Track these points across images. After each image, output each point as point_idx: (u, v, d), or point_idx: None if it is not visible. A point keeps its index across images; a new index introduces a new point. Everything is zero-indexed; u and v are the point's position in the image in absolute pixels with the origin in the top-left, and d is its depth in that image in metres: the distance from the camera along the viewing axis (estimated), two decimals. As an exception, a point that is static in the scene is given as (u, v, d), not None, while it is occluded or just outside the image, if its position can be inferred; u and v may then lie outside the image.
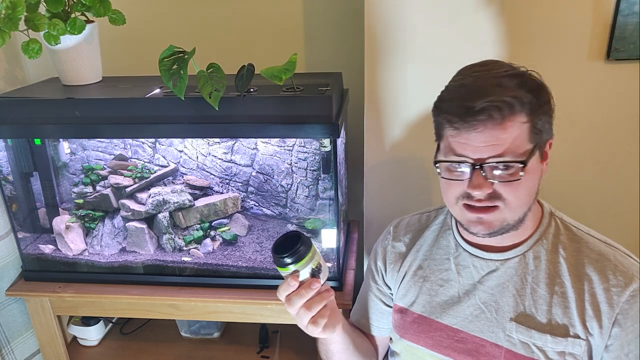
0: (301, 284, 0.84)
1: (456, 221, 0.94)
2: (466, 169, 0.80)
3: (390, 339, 1.07)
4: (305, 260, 0.83)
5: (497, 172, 0.78)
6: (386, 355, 1.13)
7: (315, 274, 0.85)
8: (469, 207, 0.83)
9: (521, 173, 0.78)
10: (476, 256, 0.92)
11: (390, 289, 1.04)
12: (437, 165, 0.84)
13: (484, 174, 0.78)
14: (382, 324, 1.06)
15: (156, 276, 1.37)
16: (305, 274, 0.84)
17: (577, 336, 0.83)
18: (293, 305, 0.85)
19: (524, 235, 0.89)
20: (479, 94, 0.76)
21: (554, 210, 0.93)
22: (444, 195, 0.88)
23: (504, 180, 0.79)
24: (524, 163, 0.77)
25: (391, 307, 1.04)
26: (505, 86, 0.78)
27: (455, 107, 0.78)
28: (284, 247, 0.83)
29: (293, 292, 0.84)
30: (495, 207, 0.81)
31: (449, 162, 0.82)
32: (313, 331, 0.87)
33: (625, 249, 0.88)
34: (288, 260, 0.82)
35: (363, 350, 1.04)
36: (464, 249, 0.93)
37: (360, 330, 1.09)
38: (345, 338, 0.96)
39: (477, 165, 0.78)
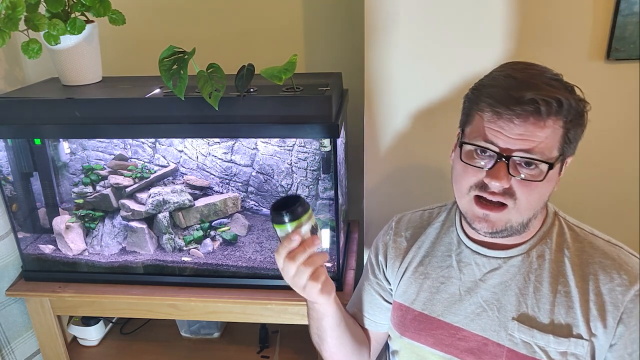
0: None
1: (461, 216, 0.93)
2: (491, 157, 0.79)
3: (390, 337, 1.07)
4: (306, 217, 0.84)
5: (520, 169, 0.78)
6: (386, 354, 1.13)
7: (314, 231, 0.86)
8: (478, 201, 0.82)
9: (544, 176, 0.77)
10: (478, 253, 0.91)
11: (390, 284, 1.03)
12: (461, 147, 0.82)
13: (506, 167, 0.77)
14: (377, 319, 1.06)
15: (156, 276, 1.37)
16: (305, 230, 0.84)
17: (580, 336, 0.83)
18: (296, 260, 0.83)
19: (526, 236, 0.89)
20: (529, 87, 0.76)
21: (558, 210, 0.92)
22: (456, 182, 0.86)
23: (525, 178, 0.78)
24: (551, 166, 0.77)
25: (390, 302, 1.03)
26: (555, 87, 0.78)
27: (502, 94, 0.77)
28: (281, 207, 0.83)
29: (296, 248, 0.83)
30: (504, 205, 0.80)
31: (476, 145, 0.80)
32: (312, 288, 0.86)
33: (629, 248, 0.88)
34: (288, 217, 0.83)
35: (355, 333, 1.03)
36: (466, 245, 0.93)
37: None
38: (337, 313, 0.96)
39: (504, 156, 0.77)
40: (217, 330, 1.60)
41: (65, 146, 1.36)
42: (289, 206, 0.83)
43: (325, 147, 1.20)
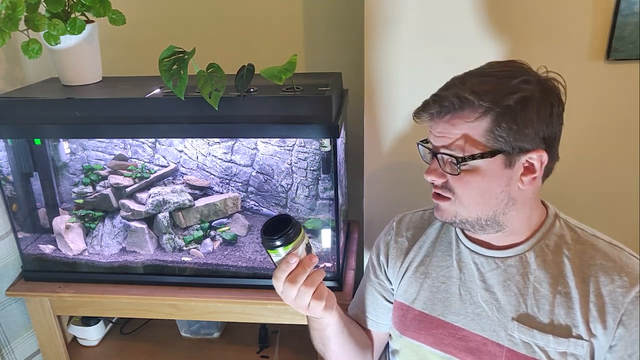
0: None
1: None
2: (428, 154, 0.88)
3: (390, 336, 1.07)
4: (299, 237, 0.84)
5: (446, 164, 0.83)
6: (385, 353, 1.13)
7: (309, 249, 0.86)
8: (434, 192, 0.88)
9: (458, 170, 0.81)
10: (476, 252, 0.92)
11: (391, 284, 1.04)
12: (418, 146, 0.91)
13: (439, 162, 0.84)
14: (379, 319, 1.06)
15: (156, 276, 1.37)
16: (301, 251, 0.84)
17: (579, 337, 0.83)
18: (297, 283, 0.84)
19: (524, 235, 0.89)
20: (450, 86, 0.83)
21: (559, 212, 0.92)
22: None
23: (449, 172, 0.83)
24: (460, 160, 0.80)
25: (391, 302, 1.04)
26: (468, 85, 0.80)
27: (430, 96, 0.84)
28: (272, 230, 0.83)
29: (294, 270, 0.84)
30: (446, 197, 0.86)
31: (419, 143, 0.90)
32: (317, 307, 0.87)
33: (630, 249, 0.88)
34: (282, 241, 0.82)
35: (358, 337, 1.04)
36: (464, 245, 0.94)
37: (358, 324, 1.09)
38: (340, 321, 0.97)
39: (433, 154, 0.85)
40: (217, 330, 1.60)
41: (65, 146, 1.36)
42: (280, 228, 0.82)
43: (325, 147, 1.20)
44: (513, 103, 0.77)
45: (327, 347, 1.00)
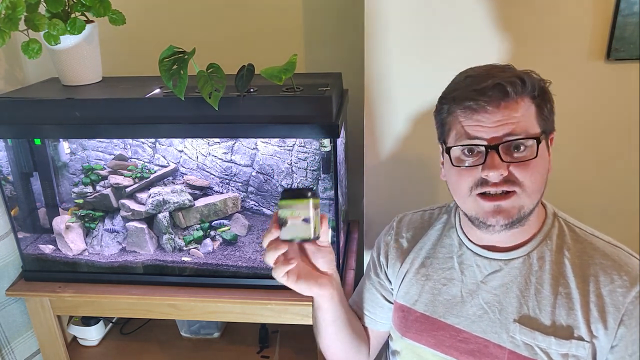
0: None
1: (468, 218, 0.89)
2: (480, 152, 0.80)
3: (391, 337, 1.07)
4: (311, 204, 0.79)
5: (512, 153, 0.79)
6: (386, 354, 1.13)
7: (315, 231, 0.81)
8: (484, 197, 0.81)
9: (536, 151, 0.78)
10: (480, 255, 0.91)
11: (391, 283, 1.03)
12: (449, 152, 0.83)
13: (499, 155, 0.78)
14: (377, 317, 1.06)
15: (156, 276, 1.37)
16: (309, 223, 0.80)
17: (581, 338, 0.83)
18: (277, 250, 0.82)
19: (527, 236, 0.89)
20: (487, 77, 0.79)
21: (557, 211, 0.92)
22: (454, 189, 0.86)
23: (520, 160, 0.79)
24: (539, 140, 0.78)
25: (390, 302, 1.03)
26: (511, 70, 0.82)
27: (465, 92, 0.80)
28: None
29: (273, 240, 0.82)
30: (512, 192, 0.80)
31: (463, 145, 0.81)
32: (276, 271, 0.84)
33: (629, 249, 0.88)
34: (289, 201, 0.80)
35: (354, 331, 1.02)
36: (467, 247, 0.93)
37: None
38: (334, 310, 0.93)
39: (492, 146, 0.78)
40: (217, 330, 1.60)
41: (65, 146, 1.36)
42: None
43: (325, 147, 1.20)
44: (545, 86, 0.82)
45: (319, 332, 0.99)
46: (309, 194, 0.80)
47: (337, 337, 0.99)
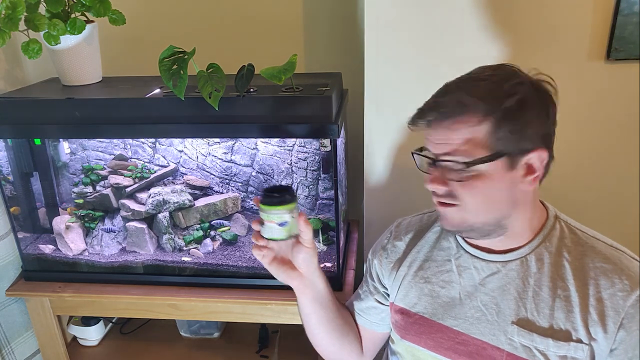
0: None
1: None
2: (427, 163, 0.85)
3: (392, 339, 1.07)
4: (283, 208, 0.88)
5: (450, 171, 0.81)
6: (386, 355, 1.13)
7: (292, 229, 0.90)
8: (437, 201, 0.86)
9: (465, 175, 0.79)
10: (477, 257, 0.91)
11: (385, 288, 1.04)
12: (413, 156, 0.89)
13: (439, 170, 0.82)
14: (370, 318, 1.06)
15: (156, 276, 1.37)
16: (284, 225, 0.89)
17: (579, 341, 0.83)
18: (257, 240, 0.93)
19: (525, 239, 0.88)
20: (445, 93, 0.82)
21: (559, 213, 0.92)
22: None
23: (454, 179, 0.81)
24: (467, 164, 0.79)
25: (383, 304, 1.04)
26: (465, 89, 0.80)
27: (427, 103, 0.84)
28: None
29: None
30: (452, 204, 0.83)
31: (415, 153, 0.88)
32: (263, 260, 0.95)
33: (631, 252, 0.87)
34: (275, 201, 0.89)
35: (341, 325, 1.04)
36: (465, 250, 0.93)
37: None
38: (311, 305, 0.99)
39: (435, 161, 0.83)
40: (217, 330, 1.60)
41: (65, 146, 1.36)
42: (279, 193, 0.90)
43: (325, 147, 1.20)
44: (512, 105, 0.77)
45: (303, 321, 1.04)
46: (285, 198, 0.88)
47: (315, 329, 1.02)
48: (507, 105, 0.77)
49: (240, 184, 1.32)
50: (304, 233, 0.91)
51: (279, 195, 0.88)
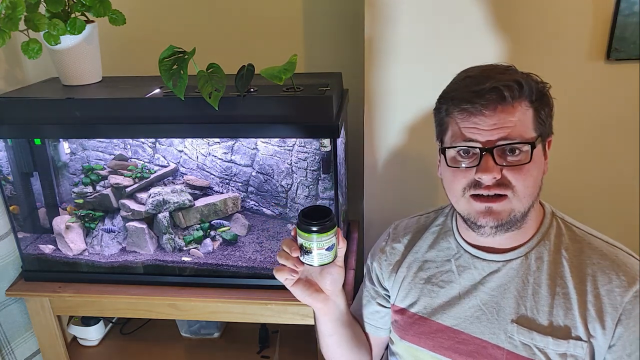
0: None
1: (462, 219, 0.90)
2: (475, 154, 0.80)
3: (391, 340, 1.07)
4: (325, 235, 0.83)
5: (506, 157, 0.80)
6: (385, 356, 1.13)
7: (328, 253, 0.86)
8: (476, 198, 0.82)
9: (530, 156, 0.79)
10: (477, 257, 0.91)
11: (386, 290, 1.04)
12: (444, 153, 0.84)
13: (493, 158, 0.79)
14: (376, 323, 1.06)
15: (156, 276, 1.37)
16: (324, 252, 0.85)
17: (579, 338, 0.83)
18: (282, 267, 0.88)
19: (525, 237, 0.89)
20: (486, 79, 0.79)
21: (555, 210, 0.92)
22: (449, 189, 0.87)
23: (513, 164, 0.79)
24: (533, 145, 0.79)
25: (386, 307, 1.04)
26: (511, 73, 0.81)
27: (463, 93, 0.80)
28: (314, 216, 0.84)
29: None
30: (504, 196, 0.81)
31: (458, 147, 0.82)
32: (286, 282, 0.90)
33: (628, 249, 0.87)
34: (314, 228, 0.83)
35: (357, 339, 1.04)
36: (465, 250, 0.93)
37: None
38: (333, 326, 0.97)
39: (486, 149, 0.79)
40: (217, 330, 1.60)
41: (65, 146, 1.35)
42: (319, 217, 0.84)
43: (325, 147, 1.20)
44: (545, 90, 0.82)
45: (319, 339, 1.02)
46: (333, 221, 0.83)
47: (336, 348, 1.01)
48: (541, 90, 0.82)
49: (240, 184, 1.32)
50: (340, 250, 0.88)
51: (327, 219, 0.83)
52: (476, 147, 0.80)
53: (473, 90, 0.79)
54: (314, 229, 0.82)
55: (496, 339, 0.88)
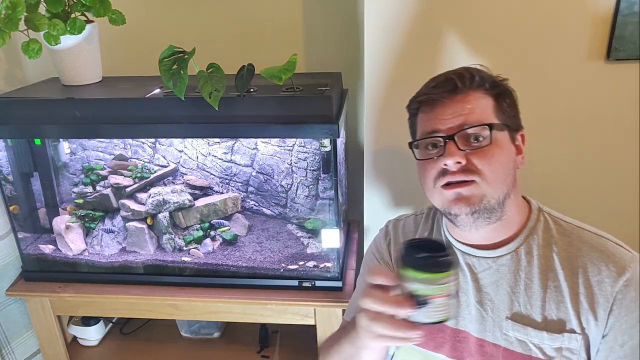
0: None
1: (441, 214, 0.92)
2: (440, 144, 0.84)
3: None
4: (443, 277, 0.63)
5: (470, 143, 0.83)
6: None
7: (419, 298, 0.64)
8: (446, 186, 0.84)
9: (490, 138, 0.81)
10: (468, 254, 0.91)
11: None
12: (413, 148, 0.90)
13: (456, 144, 0.82)
14: None
15: (156, 276, 1.37)
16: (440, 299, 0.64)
17: (572, 331, 0.83)
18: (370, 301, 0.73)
19: (511, 231, 0.89)
20: (442, 75, 0.87)
21: (542, 206, 0.93)
22: (423, 184, 0.90)
23: (475, 147, 0.82)
24: (491, 127, 0.82)
25: None
26: (469, 69, 0.87)
27: (424, 89, 0.89)
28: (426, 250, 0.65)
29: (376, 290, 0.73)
30: (472, 181, 0.82)
31: (422, 139, 0.87)
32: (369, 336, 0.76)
33: (617, 239, 0.88)
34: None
35: None
36: (455, 247, 0.93)
37: None
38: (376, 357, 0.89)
39: (448, 136, 0.83)
40: (217, 330, 1.60)
41: (65, 146, 1.36)
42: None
43: (325, 147, 1.20)
44: (506, 85, 0.88)
45: (338, 354, 0.92)
46: (451, 257, 0.63)
47: None
48: (497, 81, 0.87)
49: (240, 184, 1.32)
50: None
51: (445, 254, 0.62)
52: (439, 136, 0.84)
53: (431, 85, 0.87)
54: (418, 259, 0.60)
55: (492, 337, 0.89)
